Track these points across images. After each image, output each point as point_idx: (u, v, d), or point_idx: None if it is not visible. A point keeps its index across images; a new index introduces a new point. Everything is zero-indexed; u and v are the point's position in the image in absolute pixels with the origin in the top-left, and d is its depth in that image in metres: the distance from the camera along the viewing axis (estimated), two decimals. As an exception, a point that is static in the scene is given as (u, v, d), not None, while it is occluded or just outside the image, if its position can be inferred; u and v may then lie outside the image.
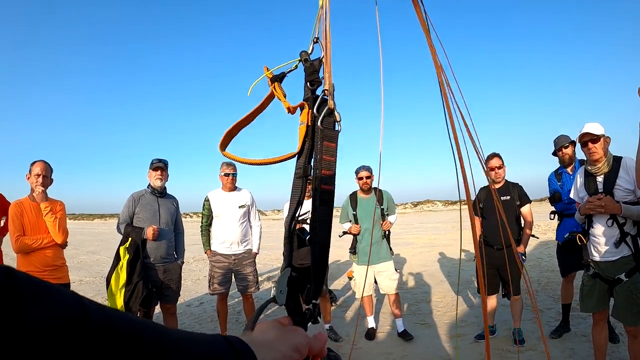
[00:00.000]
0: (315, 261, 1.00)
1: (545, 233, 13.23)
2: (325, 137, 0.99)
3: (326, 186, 0.99)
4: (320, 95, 1.03)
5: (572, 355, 3.96)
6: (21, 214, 3.56)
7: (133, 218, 4.12)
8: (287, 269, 0.99)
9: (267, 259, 11.99)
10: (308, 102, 1.04)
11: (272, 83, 1.07)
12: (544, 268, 8.31)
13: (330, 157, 0.99)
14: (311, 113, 1.02)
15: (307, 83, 1.05)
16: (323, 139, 0.99)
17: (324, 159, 0.98)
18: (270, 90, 1.08)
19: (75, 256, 13.66)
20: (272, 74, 1.08)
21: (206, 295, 6.67)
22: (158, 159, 4.26)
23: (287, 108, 1.06)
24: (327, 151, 0.99)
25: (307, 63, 1.04)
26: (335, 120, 1.02)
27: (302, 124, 1.04)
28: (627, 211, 2.95)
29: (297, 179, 1.05)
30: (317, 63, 1.05)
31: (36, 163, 3.65)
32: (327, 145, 0.99)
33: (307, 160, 1.04)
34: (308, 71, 1.05)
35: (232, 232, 4.58)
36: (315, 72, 1.05)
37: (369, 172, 4.79)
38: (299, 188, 1.04)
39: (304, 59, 1.05)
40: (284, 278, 0.97)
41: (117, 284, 3.77)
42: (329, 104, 1.01)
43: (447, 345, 4.47)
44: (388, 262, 4.80)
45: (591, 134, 3.13)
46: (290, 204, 1.05)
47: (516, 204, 4.38)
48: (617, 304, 3.10)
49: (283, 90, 1.08)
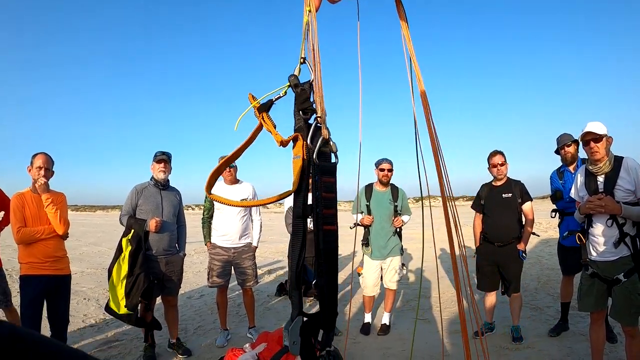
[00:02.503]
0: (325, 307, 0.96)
1: (547, 231, 13.22)
2: (323, 172, 0.92)
3: (329, 227, 0.92)
4: (312, 123, 0.95)
5: (570, 354, 3.97)
6: (22, 205, 3.58)
7: (136, 210, 4.13)
8: (298, 317, 0.94)
9: (267, 252, 12.01)
10: (301, 132, 0.95)
11: (260, 113, 0.98)
12: (544, 266, 8.32)
13: (329, 193, 0.93)
14: (306, 145, 0.94)
15: (299, 112, 0.96)
16: (321, 175, 0.92)
17: (323, 196, 0.92)
18: (259, 122, 0.99)
19: (77, 248, 13.70)
20: (259, 103, 0.99)
21: (206, 287, 6.70)
22: (162, 152, 4.27)
23: (279, 142, 0.96)
24: (326, 187, 0.92)
25: (298, 89, 0.95)
26: (331, 150, 0.96)
27: (296, 157, 0.95)
28: (627, 212, 2.95)
29: (297, 219, 0.97)
30: (307, 87, 0.96)
31: (38, 155, 3.65)
32: (326, 181, 0.92)
33: (305, 197, 0.96)
34: (300, 99, 0.96)
35: (233, 226, 4.59)
36: (307, 100, 0.96)
37: (390, 165, 4.76)
38: (301, 230, 0.96)
39: (294, 84, 0.95)
40: (296, 327, 0.92)
41: (118, 275, 3.79)
42: (323, 133, 0.94)
43: (446, 341, 4.49)
44: (396, 257, 4.83)
45: (594, 133, 3.12)
46: (293, 249, 0.97)
47: (518, 202, 4.38)
48: (616, 304, 3.11)
49: (272, 121, 0.99)
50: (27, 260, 3.58)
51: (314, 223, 0.93)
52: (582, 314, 4.94)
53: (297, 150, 0.95)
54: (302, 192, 0.96)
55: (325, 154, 0.95)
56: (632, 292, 3.00)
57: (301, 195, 0.96)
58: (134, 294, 3.73)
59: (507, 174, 4.49)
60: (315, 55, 0.96)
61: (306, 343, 0.93)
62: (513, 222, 4.40)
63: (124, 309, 3.72)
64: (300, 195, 0.96)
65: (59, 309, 3.72)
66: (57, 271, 3.69)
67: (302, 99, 0.95)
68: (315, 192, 0.93)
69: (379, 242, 4.76)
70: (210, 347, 4.54)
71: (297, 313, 0.95)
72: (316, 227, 0.93)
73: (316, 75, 0.96)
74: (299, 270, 0.97)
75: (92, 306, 6.33)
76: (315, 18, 0.96)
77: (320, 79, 0.96)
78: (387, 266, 4.81)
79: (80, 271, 9.35)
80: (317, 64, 0.96)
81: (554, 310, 5.27)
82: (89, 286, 7.87)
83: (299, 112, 0.96)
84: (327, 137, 0.94)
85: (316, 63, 0.96)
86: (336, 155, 0.97)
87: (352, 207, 5.12)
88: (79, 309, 6.11)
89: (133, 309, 3.73)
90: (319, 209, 0.92)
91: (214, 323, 5.26)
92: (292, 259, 0.98)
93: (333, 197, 0.94)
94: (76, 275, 8.44)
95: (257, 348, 2.41)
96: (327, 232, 0.92)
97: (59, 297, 3.72)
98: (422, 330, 4.79)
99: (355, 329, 4.95)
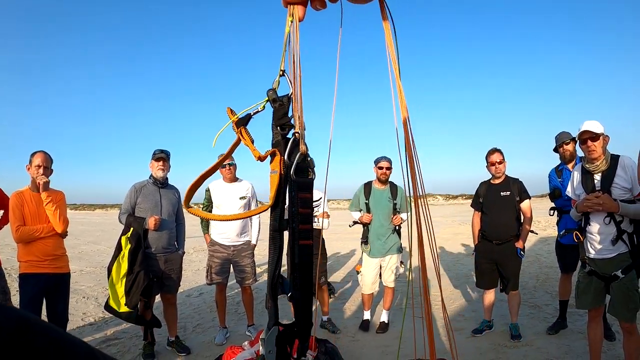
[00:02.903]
0: (300, 318, 0.98)
1: (545, 229, 13.24)
2: (300, 187, 0.92)
3: (305, 241, 0.93)
4: (290, 138, 0.95)
5: (568, 352, 3.98)
6: (22, 204, 3.58)
7: (135, 208, 4.14)
8: (274, 327, 0.96)
9: (265, 250, 11.93)
10: (278, 147, 0.95)
11: (238, 128, 0.98)
12: (542, 264, 8.34)
13: (305, 209, 0.93)
14: (283, 160, 0.94)
15: (277, 127, 0.96)
16: (298, 191, 0.92)
17: (300, 212, 0.92)
18: (237, 137, 0.98)
19: (76, 246, 13.69)
20: (237, 118, 0.98)
21: (205, 285, 6.70)
22: (160, 150, 4.27)
23: (257, 157, 0.96)
24: (302, 203, 0.92)
25: (276, 104, 0.95)
26: (308, 166, 0.95)
27: (273, 172, 0.95)
28: (624, 209, 2.97)
29: (273, 232, 0.98)
30: (286, 101, 0.95)
31: (36, 154, 3.65)
32: (302, 197, 0.92)
33: (282, 211, 0.97)
34: (278, 114, 0.95)
35: (232, 223, 4.58)
36: (285, 116, 0.95)
37: (389, 163, 4.78)
38: (277, 243, 0.98)
39: (272, 99, 0.95)
40: (271, 337, 0.94)
41: (118, 273, 3.80)
42: (301, 149, 0.93)
43: (445, 339, 4.50)
44: (395, 255, 4.84)
45: (591, 132, 3.13)
46: (270, 261, 0.99)
47: (516, 200, 4.39)
48: (613, 300, 3.12)
49: (251, 136, 0.98)
50: (26, 258, 3.58)
51: (289, 238, 0.94)
52: (581, 312, 4.95)
53: (274, 165, 0.95)
54: (279, 207, 0.96)
55: (303, 170, 0.94)
56: (630, 288, 3.02)
57: (278, 209, 0.96)
58: (134, 292, 3.74)
59: (505, 172, 4.50)
60: (296, 68, 0.93)
61: (281, 352, 0.95)
62: (511, 220, 4.41)
63: (124, 307, 3.72)
64: (277, 209, 0.96)
65: (58, 307, 3.72)
66: (57, 269, 3.69)
67: (280, 115, 0.95)
68: (291, 208, 0.93)
69: (378, 240, 4.77)
70: (209, 344, 4.55)
71: (272, 323, 0.97)
72: (292, 242, 0.93)
73: (295, 89, 0.94)
74: (275, 281, 0.99)
75: (91, 304, 6.34)
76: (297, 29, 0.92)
77: (300, 92, 0.94)
78: (386, 264, 4.82)
79: (79, 270, 9.35)
80: (298, 77, 0.94)
81: (552, 308, 5.28)
82: (87, 285, 7.88)
83: (276, 127, 0.96)
84: (305, 153, 0.94)
85: (296, 76, 0.94)
86: (313, 171, 0.97)
87: (350, 205, 5.13)
88: (78, 307, 6.12)
89: (133, 307, 3.74)
90: (294, 224, 0.92)
91: (213, 321, 5.27)
92: (268, 270, 1.00)
93: (309, 212, 0.94)
94: (75, 274, 8.44)
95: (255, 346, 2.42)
96: (302, 247, 0.93)
97: (58, 296, 3.73)
98: (421, 328, 4.79)
99: (354, 326, 4.96)
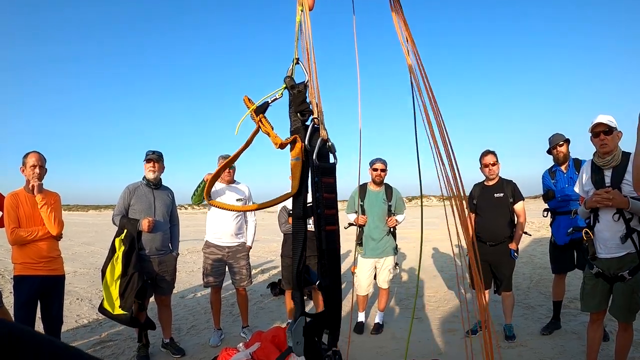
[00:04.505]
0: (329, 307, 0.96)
1: (539, 230, 13.32)
2: (324, 172, 0.92)
3: (331, 227, 0.92)
4: (310, 125, 0.95)
5: (562, 353, 4.00)
6: (17, 205, 3.55)
7: (128, 210, 4.12)
8: (300, 317, 0.94)
9: (260, 251, 12.01)
10: (298, 133, 0.95)
11: (257, 116, 0.97)
12: (536, 265, 8.38)
13: (330, 194, 0.92)
14: (304, 147, 0.93)
15: (296, 113, 0.96)
16: (322, 175, 0.91)
17: (324, 197, 0.91)
18: (257, 125, 0.98)
19: (70, 247, 13.61)
20: (256, 106, 0.97)
21: (200, 287, 6.68)
22: (152, 151, 4.25)
23: (277, 144, 0.95)
24: (327, 188, 0.91)
25: (295, 90, 0.94)
26: (330, 150, 0.95)
27: (295, 159, 0.94)
28: (634, 206, 2.90)
29: (296, 220, 0.97)
30: (303, 88, 0.95)
31: (29, 155, 3.63)
32: (326, 182, 0.92)
33: (305, 199, 0.96)
34: (297, 101, 0.95)
35: (228, 225, 4.58)
36: (304, 102, 0.95)
37: (384, 165, 4.79)
38: (301, 232, 0.96)
39: (291, 86, 0.95)
40: (299, 328, 0.92)
41: (112, 275, 3.78)
42: (322, 134, 0.93)
43: (439, 339, 4.51)
44: (390, 257, 4.84)
45: (605, 124, 3.06)
46: (294, 250, 0.97)
47: (509, 201, 4.40)
48: (616, 301, 3.07)
49: (270, 123, 0.98)
50: (21, 260, 3.55)
51: (316, 224, 0.93)
52: (574, 313, 5.00)
53: (295, 152, 0.94)
54: (302, 194, 0.96)
55: (324, 155, 0.94)
56: (635, 290, 2.97)
57: (301, 197, 0.96)
58: (129, 294, 3.72)
59: (499, 174, 4.52)
60: (310, 56, 0.95)
61: (310, 343, 0.93)
62: (505, 221, 4.42)
63: (118, 310, 3.70)
64: (300, 197, 0.96)
65: (52, 309, 3.70)
66: (51, 271, 3.67)
67: (299, 101, 0.95)
68: (316, 193, 0.92)
69: (372, 242, 4.77)
70: (203, 346, 4.54)
71: (299, 314, 0.95)
72: (318, 228, 0.92)
73: (311, 76, 0.95)
74: (300, 271, 0.97)
75: (85, 306, 6.30)
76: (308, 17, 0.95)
77: (316, 79, 0.95)
78: (380, 265, 4.83)
79: (73, 271, 9.30)
80: (312, 64, 0.94)
81: (546, 309, 5.31)
82: (81, 286, 7.83)
83: (295, 114, 0.96)
84: (325, 138, 0.94)
85: (311, 64, 0.95)
86: (335, 155, 0.97)
87: (347, 206, 5.13)
88: (72, 309, 6.08)
89: (128, 309, 3.72)
90: (320, 210, 0.91)
91: (208, 322, 5.26)
92: (293, 260, 0.98)
93: (334, 197, 0.94)
94: (69, 275, 8.38)
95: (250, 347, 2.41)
96: (329, 233, 0.92)
97: (53, 298, 3.70)
98: (415, 329, 4.81)
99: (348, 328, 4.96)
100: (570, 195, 4.34)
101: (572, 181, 4.27)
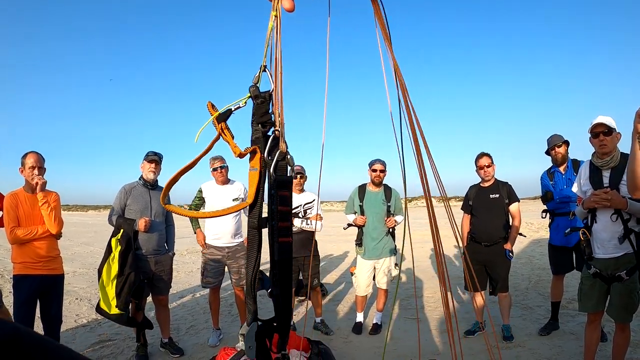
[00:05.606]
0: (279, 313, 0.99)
1: (538, 231, 13.31)
2: (279, 185, 0.93)
3: (284, 239, 0.94)
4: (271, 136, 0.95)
5: (560, 353, 4.01)
6: (16, 205, 3.56)
7: (125, 210, 4.12)
8: (253, 323, 0.97)
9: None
10: (258, 143, 0.94)
11: (219, 123, 0.95)
12: (535, 266, 8.38)
13: (285, 207, 0.94)
14: (262, 158, 0.93)
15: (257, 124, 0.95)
16: (277, 188, 0.92)
17: (279, 210, 0.92)
18: (218, 133, 0.96)
19: (69, 247, 13.61)
20: (218, 114, 0.96)
21: (199, 287, 6.68)
22: (154, 152, 4.25)
23: (236, 154, 0.94)
24: (281, 200, 0.93)
25: (258, 100, 0.93)
26: (288, 164, 0.95)
27: (253, 169, 0.94)
28: (632, 207, 2.89)
29: (251, 230, 0.97)
30: (267, 97, 0.94)
31: (28, 155, 3.63)
32: (282, 195, 0.93)
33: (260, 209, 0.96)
34: (260, 111, 0.94)
35: (226, 226, 4.58)
36: (266, 114, 0.94)
37: (383, 166, 4.80)
38: (256, 240, 0.98)
39: (254, 96, 0.93)
40: (251, 332, 0.95)
41: (108, 275, 3.78)
42: (281, 147, 0.94)
43: (437, 340, 4.52)
44: (389, 257, 4.85)
45: (605, 125, 3.06)
46: (248, 258, 0.98)
47: (505, 203, 4.42)
48: (614, 302, 3.07)
49: (231, 132, 0.96)
50: (20, 260, 3.56)
51: (269, 236, 0.94)
52: (572, 313, 5.00)
53: (254, 162, 0.95)
54: (258, 204, 0.96)
55: (282, 168, 0.95)
56: (633, 290, 2.97)
57: (256, 207, 0.96)
58: (125, 294, 3.72)
59: (494, 175, 4.53)
60: (278, 65, 0.93)
61: (261, 347, 0.96)
62: (500, 222, 4.43)
63: (115, 309, 3.71)
64: (256, 207, 0.96)
65: (52, 309, 3.70)
66: (51, 271, 3.67)
67: (262, 112, 0.94)
68: (271, 206, 0.93)
69: (372, 243, 4.78)
70: (202, 346, 4.55)
71: (252, 319, 0.98)
72: (271, 239, 0.94)
73: (277, 86, 0.94)
74: (254, 278, 0.99)
75: (85, 306, 6.31)
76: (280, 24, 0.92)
77: (281, 89, 0.94)
78: (379, 266, 4.84)
79: (72, 271, 9.29)
80: (279, 74, 0.93)
81: (544, 310, 5.32)
82: (80, 286, 7.83)
83: (257, 124, 0.95)
84: (284, 151, 0.94)
85: (278, 73, 0.93)
86: (293, 169, 0.97)
87: (346, 207, 5.15)
88: (71, 308, 6.08)
89: (124, 308, 3.72)
90: (274, 222, 0.93)
91: (207, 322, 5.26)
92: (247, 268, 1.00)
93: (288, 210, 0.95)
94: (68, 275, 8.38)
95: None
96: (281, 244, 0.94)
97: (52, 297, 3.71)
98: (414, 329, 4.82)
99: (347, 328, 4.97)
100: (569, 197, 4.35)
101: (571, 182, 4.27)
